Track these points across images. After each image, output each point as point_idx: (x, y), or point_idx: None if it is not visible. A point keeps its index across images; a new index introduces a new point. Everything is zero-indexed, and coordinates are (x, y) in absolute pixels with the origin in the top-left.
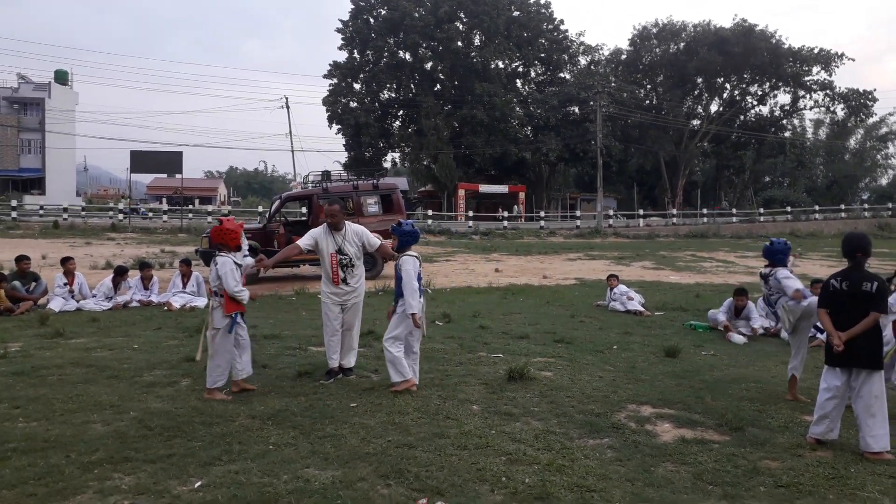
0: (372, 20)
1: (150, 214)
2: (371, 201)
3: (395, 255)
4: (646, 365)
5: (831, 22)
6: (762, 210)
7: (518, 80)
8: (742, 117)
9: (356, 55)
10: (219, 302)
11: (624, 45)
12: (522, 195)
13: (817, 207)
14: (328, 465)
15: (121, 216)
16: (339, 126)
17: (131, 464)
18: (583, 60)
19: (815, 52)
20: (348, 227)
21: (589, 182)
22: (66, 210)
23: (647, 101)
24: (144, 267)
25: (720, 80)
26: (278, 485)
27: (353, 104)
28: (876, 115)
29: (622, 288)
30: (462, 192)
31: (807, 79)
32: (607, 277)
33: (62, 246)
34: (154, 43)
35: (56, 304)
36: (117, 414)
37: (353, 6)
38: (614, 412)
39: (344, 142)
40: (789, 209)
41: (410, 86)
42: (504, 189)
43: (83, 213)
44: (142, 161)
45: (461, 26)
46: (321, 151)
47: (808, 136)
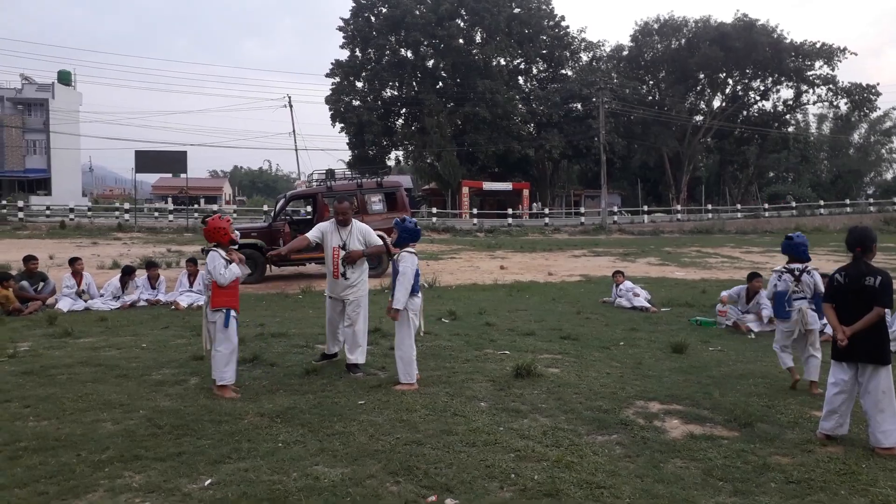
0: (373, 18)
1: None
2: (375, 199)
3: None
4: (653, 361)
5: (834, 16)
6: (766, 205)
7: (520, 77)
8: (745, 113)
9: (358, 53)
10: (209, 296)
11: (626, 41)
12: (526, 192)
13: (822, 203)
14: (337, 463)
15: (126, 216)
16: (343, 124)
17: (141, 462)
18: (585, 57)
19: (818, 46)
20: (354, 224)
21: (593, 179)
22: (72, 210)
23: (650, 98)
24: (151, 266)
25: (722, 75)
26: (288, 482)
27: (356, 102)
28: (880, 109)
29: (628, 284)
30: (466, 190)
31: (809, 73)
32: (613, 274)
33: (69, 246)
34: (153, 42)
35: (64, 304)
36: (127, 413)
37: (353, 4)
38: (622, 408)
39: (347, 140)
40: (794, 204)
41: (413, 83)
42: (508, 186)
43: (89, 214)
44: (146, 161)
45: (462, 24)
46: (325, 150)
47: (811, 131)
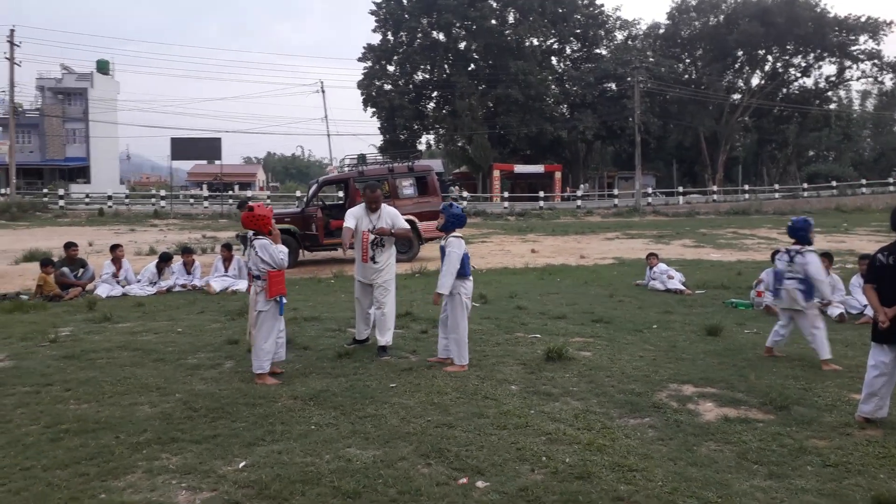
0: (405, 1)
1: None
2: (406, 184)
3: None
4: (687, 344)
5: None
6: (805, 185)
7: (553, 58)
8: (784, 90)
9: (389, 37)
10: (262, 286)
11: (662, 20)
12: (558, 175)
13: (864, 182)
14: (369, 445)
15: (163, 203)
16: (374, 109)
17: (178, 444)
18: (619, 36)
19: (863, 20)
20: (384, 208)
21: (627, 160)
22: (110, 198)
23: (686, 76)
24: (186, 252)
25: (762, 52)
26: (321, 464)
27: (388, 87)
28: None
29: (662, 266)
30: (497, 173)
31: (853, 48)
32: (647, 256)
33: (107, 233)
34: (185, 28)
35: (103, 289)
36: (163, 396)
37: None
38: (655, 391)
39: (378, 125)
40: (834, 184)
41: (444, 66)
42: (540, 169)
43: (126, 201)
44: (182, 148)
45: (495, 4)
46: (356, 135)
47: (854, 108)
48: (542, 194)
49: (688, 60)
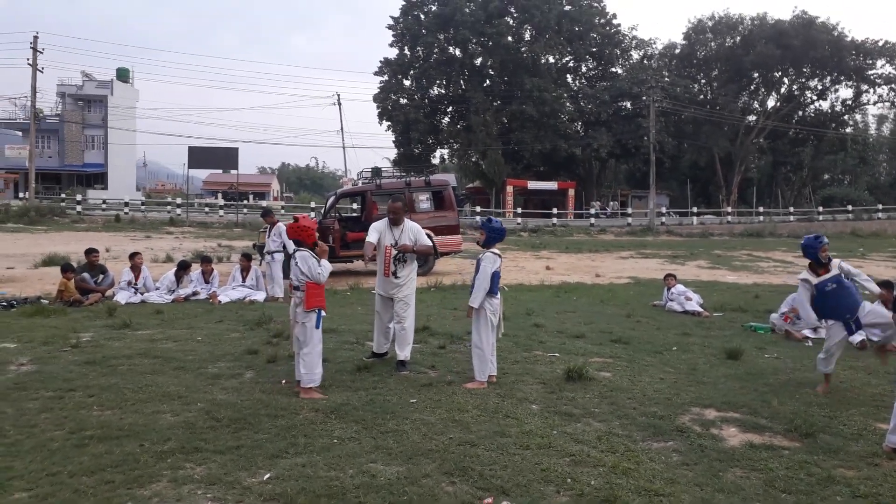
0: (422, 16)
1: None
2: (423, 198)
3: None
4: (707, 367)
5: None
6: (821, 209)
7: (569, 75)
8: (800, 113)
9: (406, 52)
10: (300, 297)
11: (678, 39)
12: (572, 192)
13: (881, 206)
14: (392, 461)
15: (178, 211)
16: (389, 122)
17: (202, 454)
18: (635, 55)
19: (880, 44)
20: (406, 223)
21: (640, 179)
22: (126, 204)
23: (702, 96)
24: (205, 261)
25: (778, 74)
26: (345, 479)
27: (403, 101)
28: None
29: (680, 287)
30: (510, 189)
31: (870, 72)
32: (665, 277)
33: (123, 239)
34: (202, 37)
35: (122, 296)
36: (185, 405)
37: (403, 2)
38: (678, 415)
39: (393, 138)
40: (850, 208)
41: (460, 82)
42: (553, 186)
43: (143, 208)
44: (199, 157)
45: (511, 21)
46: (371, 148)
47: (870, 132)
48: (555, 211)
49: (703, 81)
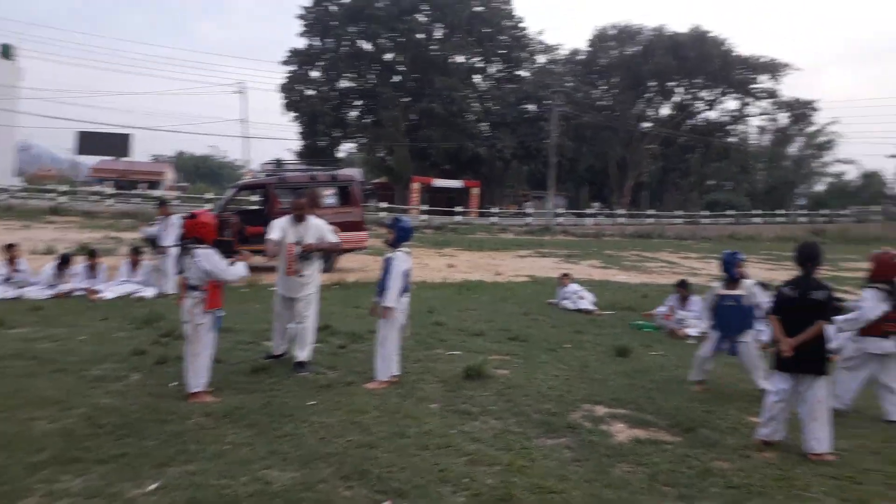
0: (334, 7)
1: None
2: (328, 193)
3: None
4: (598, 364)
5: (787, 33)
6: (707, 213)
7: (477, 76)
8: (691, 121)
9: (316, 42)
10: (200, 297)
11: (584, 46)
12: (476, 191)
13: (758, 212)
14: (288, 466)
15: (63, 199)
16: (296, 113)
17: (81, 464)
18: (541, 59)
19: (762, 61)
20: (310, 220)
21: (541, 179)
22: (4, 190)
23: (601, 102)
24: (91, 254)
25: (673, 84)
26: (237, 486)
27: (310, 92)
28: (815, 124)
29: (574, 287)
30: (416, 186)
31: (754, 86)
32: (560, 276)
33: None
34: (104, 19)
35: None
36: (64, 410)
37: None
38: (570, 411)
39: (299, 130)
40: (731, 212)
41: (369, 76)
42: (459, 184)
43: (22, 195)
44: (90, 142)
45: (423, 18)
46: (273, 139)
47: (751, 142)
48: (459, 208)
49: (604, 87)
